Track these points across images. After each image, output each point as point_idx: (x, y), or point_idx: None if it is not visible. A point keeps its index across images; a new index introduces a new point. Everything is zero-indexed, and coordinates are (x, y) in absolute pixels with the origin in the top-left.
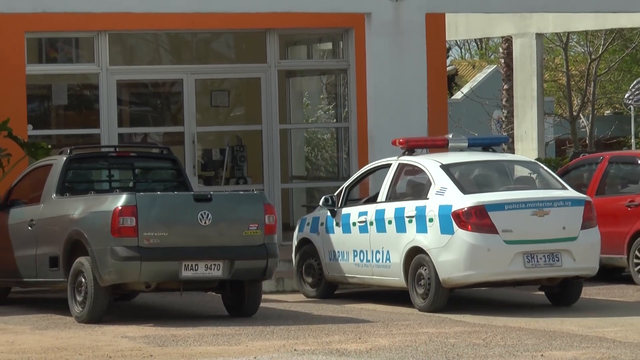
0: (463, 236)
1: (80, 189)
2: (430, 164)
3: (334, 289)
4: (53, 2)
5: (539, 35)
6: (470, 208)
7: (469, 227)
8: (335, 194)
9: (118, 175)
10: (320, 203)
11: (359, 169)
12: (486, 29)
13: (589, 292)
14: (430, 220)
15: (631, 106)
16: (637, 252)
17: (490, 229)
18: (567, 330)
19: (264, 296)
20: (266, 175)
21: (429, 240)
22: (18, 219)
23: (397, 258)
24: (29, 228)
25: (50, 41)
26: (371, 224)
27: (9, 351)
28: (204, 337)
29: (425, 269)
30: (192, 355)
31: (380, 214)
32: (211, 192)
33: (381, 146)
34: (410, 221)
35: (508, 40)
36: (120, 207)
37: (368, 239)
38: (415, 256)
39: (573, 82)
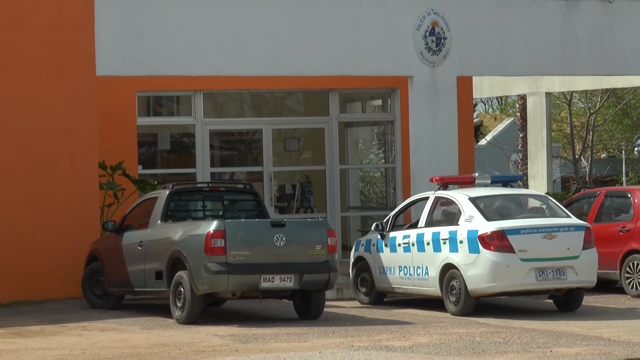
0: (487, 255)
1: (180, 217)
2: (460, 197)
3: (383, 297)
4: (159, 68)
5: (548, 94)
6: (493, 232)
7: (492, 247)
8: (384, 220)
9: (210, 205)
10: (372, 228)
11: (403, 201)
12: (505, 88)
13: (588, 300)
14: (461, 242)
15: (637, 151)
16: (627, 268)
17: (509, 249)
18: (571, 331)
19: (326, 302)
20: (329, 206)
21: (460, 258)
22: (130, 240)
23: (434, 272)
24: (139, 248)
25: (157, 99)
26: (413, 245)
27: (122, 347)
28: (279, 336)
29: (456, 281)
30: (269, 350)
31: (420, 237)
32: (285, 219)
33: (421, 183)
34: (444, 243)
35: (523, 97)
36: (212, 231)
37: (410, 257)
38: (448, 271)
39: (575, 132)
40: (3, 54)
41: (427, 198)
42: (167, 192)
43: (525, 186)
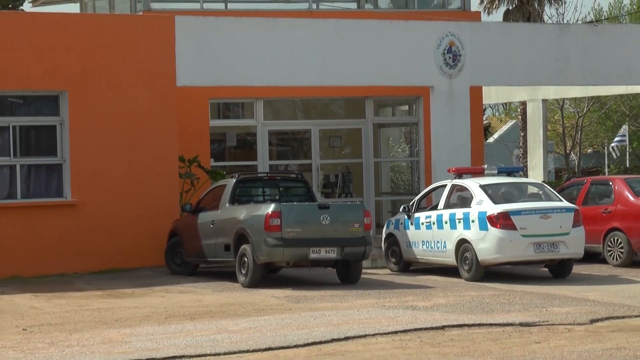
0: (494, 232)
1: (244, 200)
2: (472, 184)
3: (409, 266)
4: (227, 79)
5: (544, 100)
6: (499, 213)
7: (498, 225)
8: (410, 203)
9: (269, 191)
10: (400, 210)
11: (426, 188)
12: (509, 96)
13: (577, 269)
14: (472, 221)
15: (612, 150)
16: (609, 243)
17: (512, 227)
18: (563, 294)
19: (363, 270)
20: (365, 192)
21: (472, 234)
22: (204, 220)
23: (451, 246)
24: (211, 226)
25: (225, 104)
26: (434, 223)
27: (197, 306)
28: (324, 297)
29: (469, 253)
30: (316, 309)
31: (439, 217)
32: (329, 203)
33: (440, 173)
34: (459, 222)
35: (523, 103)
36: (270, 212)
37: (432, 233)
38: (462, 245)
39: (566, 131)
40: (103, 69)
41: (445, 185)
42: (234, 180)
43: (525, 176)
